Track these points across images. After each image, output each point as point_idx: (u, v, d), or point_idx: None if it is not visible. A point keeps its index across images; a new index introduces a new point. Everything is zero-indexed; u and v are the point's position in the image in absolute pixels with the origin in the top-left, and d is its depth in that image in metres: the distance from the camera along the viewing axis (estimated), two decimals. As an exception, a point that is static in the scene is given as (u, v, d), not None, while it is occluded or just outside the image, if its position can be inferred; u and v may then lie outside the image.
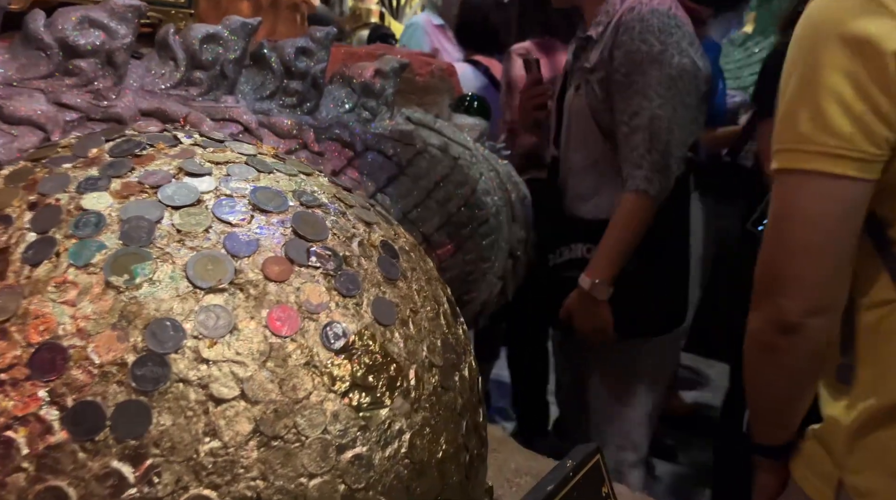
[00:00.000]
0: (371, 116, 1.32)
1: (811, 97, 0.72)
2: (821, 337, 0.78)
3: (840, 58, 0.70)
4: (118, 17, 1.05)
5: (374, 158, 1.23)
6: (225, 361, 0.43)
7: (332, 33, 1.25)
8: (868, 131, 0.70)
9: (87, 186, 0.48)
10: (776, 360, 0.80)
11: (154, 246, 0.46)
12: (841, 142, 0.71)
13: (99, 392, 0.41)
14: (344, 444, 0.45)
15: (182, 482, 0.41)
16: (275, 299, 0.46)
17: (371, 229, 0.56)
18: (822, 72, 0.71)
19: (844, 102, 0.70)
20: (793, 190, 0.75)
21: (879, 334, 0.77)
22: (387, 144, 1.26)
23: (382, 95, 1.34)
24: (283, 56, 1.19)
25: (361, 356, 0.48)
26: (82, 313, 0.43)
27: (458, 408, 0.54)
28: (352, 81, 1.30)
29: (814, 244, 0.75)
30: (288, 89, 1.20)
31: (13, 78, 1.02)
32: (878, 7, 0.70)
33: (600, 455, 0.63)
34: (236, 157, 0.55)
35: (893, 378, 0.76)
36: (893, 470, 0.76)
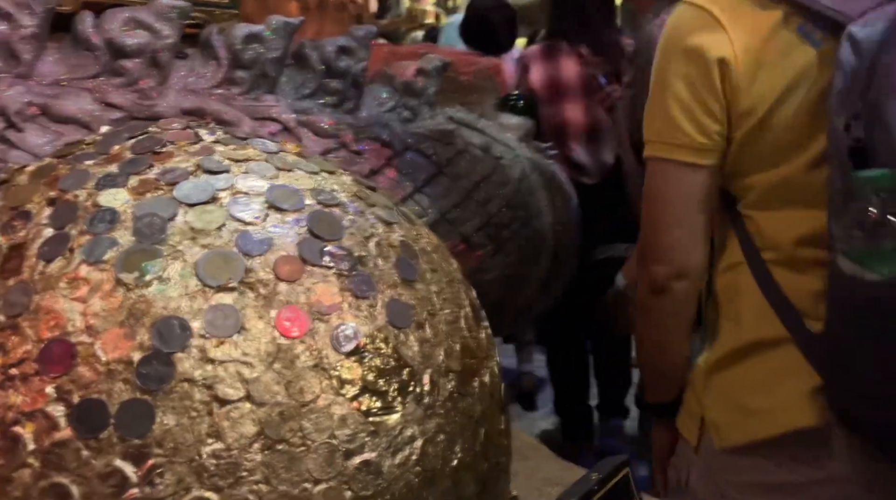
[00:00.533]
0: (412, 115, 1.31)
1: (661, 98, 0.88)
2: (683, 298, 0.91)
3: (681, 66, 0.86)
4: (163, 18, 1.07)
5: (413, 158, 1.22)
6: (231, 361, 0.43)
7: (372, 32, 1.25)
8: (700, 126, 0.86)
9: (106, 183, 0.49)
10: (650, 319, 0.96)
11: (166, 243, 0.45)
12: (681, 135, 0.87)
13: (104, 390, 0.41)
14: (351, 450, 0.44)
15: (184, 483, 0.40)
16: (285, 299, 0.45)
17: (391, 229, 0.55)
18: (669, 77, 0.87)
19: (683, 103, 0.86)
20: (653, 175, 0.91)
21: (730, 291, 0.92)
22: (426, 143, 1.25)
23: (424, 95, 1.33)
24: (324, 55, 1.19)
25: (373, 360, 0.46)
26: (92, 309, 0.42)
27: (476, 415, 0.53)
28: (393, 80, 1.30)
29: (670, 219, 0.90)
30: (328, 88, 1.20)
31: (62, 78, 1.05)
32: (711, 21, 0.84)
33: (629, 468, 0.61)
34: (257, 154, 0.55)
35: (741, 327, 0.89)
36: (735, 404, 0.89)
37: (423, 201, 1.21)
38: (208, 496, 0.41)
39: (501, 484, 0.58)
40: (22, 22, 0.99)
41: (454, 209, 1.25)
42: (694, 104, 0.85)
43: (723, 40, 0.83)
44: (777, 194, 0.86)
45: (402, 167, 1.20)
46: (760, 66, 0.82)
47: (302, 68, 1.20)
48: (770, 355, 0.87)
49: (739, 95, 0.83)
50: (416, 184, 1.20)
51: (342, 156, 1.14)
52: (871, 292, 0.72)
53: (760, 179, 0.87)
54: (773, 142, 0.84)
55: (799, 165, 0.84)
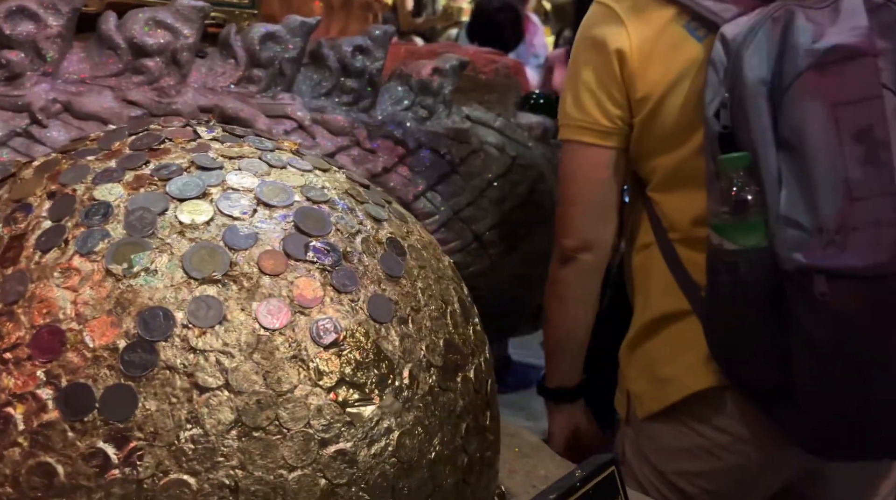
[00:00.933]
0: (428, 113, 1.32)
1: (573, 85, 0.97)
2: (588, 268, 1.01)
3: (588, 55, 0.96)
4: (183, 18, 1.10)
5: (427, 156, 1.23)
6: (212, 350, 0.44)
7: (390, 32, 1.26)
8: (604, 110, 0.94)
9: (103, 178, 0.51)
10: (556, 290, 1.04)
11: (155, 237, 0.47)
12: (587, 118, 0.95)
13: (90, 375, 0.43)
14: (327, 439, 0.46)
15: (162, 466, 0.42)
16: (267, 292, 0.47)
17: (379, 226, 0.56)
18: (579, 66, 0.97)
19: (590, 89, 0.95)
20: (564, 155, 1.01)
21: (644, 270, 1.00)
22: (441, 142, 1.26)
23: (440, 93, 1.34)
24: (340, 54, 1.21)
25: (352, 353, 0.48)
26: (82, 298, 0.45)
27: (457, 409, 0.54)
28: (409, 79, 1.31)
29: (576, 195, 1.00)
30: (344, 87, 1.22)
31: (87, 76, 1.08)
32: (613, 15, 0.94)
33: (615, 466, 0.61)
34: (251, 152, 0.57)
35: (651, 302, 0.98)
36: (650, 375, 0.98)
37: (436, 199, 1.22)
38: (185, 479, 0.42)
39: (486, 478, 0.59)
40: (48, 22, 1.03)
41: (467, 208, 1.26)
42: (599, 90, 0.94)
43: (621, 33, 0.92)
44: (674, 177, 0.93)
45: (416, 165, 1.21)
46: (652, 57, 0.91)
47: (319, 67, 1.22)
48: (676, 327, 0.95)
49: (636, 83, 0.92)
50: (429, 182, 1.22)
51: (355, 154, 1.16)
52: (731, 257, 0.82)
53: (660, 162, 0.94)
54: (666, 127, 0.92)
55: (690, 149, 0.90)
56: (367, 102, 1.25)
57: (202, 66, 1.13)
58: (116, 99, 1.03)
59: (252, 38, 1.13)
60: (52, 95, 0.99)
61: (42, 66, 1.03)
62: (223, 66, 1.14)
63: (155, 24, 1.08)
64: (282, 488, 0.44)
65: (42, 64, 1.03)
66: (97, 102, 1.01)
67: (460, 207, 1.25)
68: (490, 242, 1.31)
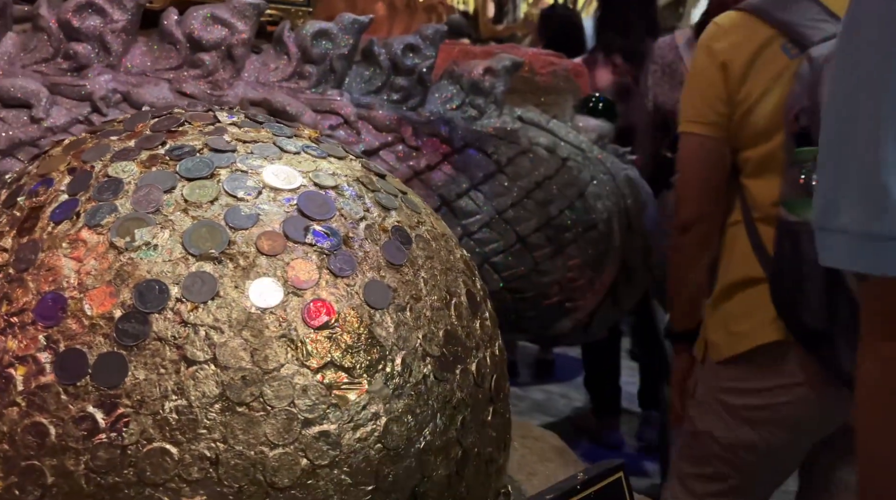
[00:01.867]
0: (478, 113, 1.32)
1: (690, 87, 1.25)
2: (700, 236, 1.24)
3: (702, 62, 1.21)
4: (239, 15, 1.13)
5: (473, 155, 1.23)
6: (202, 325, 0.45)
7: (441, 31, 1.27)
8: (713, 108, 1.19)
9: (120, 156, 0.53)
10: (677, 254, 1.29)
11: (160, 213, 0.49)
12: (700, 114, 1.20)
13: (86, 342, 0.44)
14: (311, 419, 0.46)
15: (147, 433, 0.43)
16: (262, 271, 0.48)
17: (387, 214, 0.56)
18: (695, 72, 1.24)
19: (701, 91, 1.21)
20: (683, 144, 1.24)
21: (730, 242, 1.22)
22: (488, 141, 1.25)
23: (491, 93, 1.34)
24: (391, 53, 1.22)
25: (342, 336, 0.48)
26: (85, 268, 0.46)
27: (453, 401, 0.53)
28: (461, 79, 1.31)
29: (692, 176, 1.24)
30: (394, 85, 1.23)
31: (147, 68, 1.13)
32: (722, 32, 1.20)
33: (622, 472, 0.59)
34: (267, 137, 0.58)
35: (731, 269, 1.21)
36: (725, 329, 1.20)
37: (479, 198, 1.21)
38: (168, 447, 0.43)
39: (484, 474, 0.58)
40: (114, 16, 1.08)
41: (511, 208, 1.25)
42: (708, 92, 1.18)
43: (726, 49, 1.17)
44: (761, 166, 1.16)
45: (460, 164, 1.21)
46: (751, 68, 1.15)
47: (370, 65, 1.24)
48: (750, 291, 1.16)
49: (736, 89, 1.16)
50: (473, 181, 1.21)
51: (399, 150, 1.17)
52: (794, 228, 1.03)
53: (751, 154, 1.17)
54: (758, 125, 1.15)
55: (775, 144, 1.12)
56: (416, 100, 1.25)
57: (256, 61, 1.17)
58: (172, 91, 1.07)
59: (305, 35, 1.16)
60: (112, 86, 1.04)
61: (107, 58, 1.08)
62: (276, 62, 1.17)
63: (212, 20, 1.12)
64: (262, 464, 0.45)
65: (107, 56, 1.08)
66: (154, 93, 1.05)
67: (504, 207, 1.24)
68: (534, 244, 1.30)
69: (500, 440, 0.61)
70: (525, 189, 1.27)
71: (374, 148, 1.14)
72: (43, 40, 1.05)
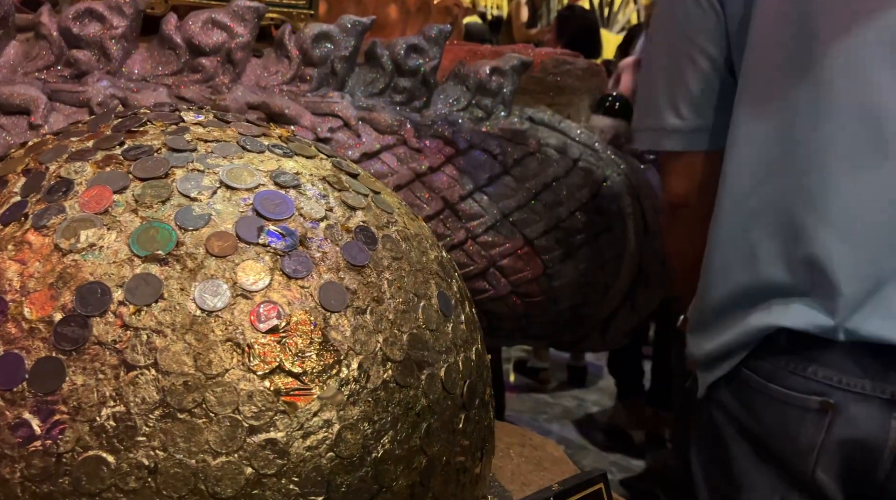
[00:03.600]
0: (485, 114, 1.29)
1: None
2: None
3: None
4: (239, 19, 1.13)
5: (477, 157, 1.20)
6: (144, 329, 0.44)
7: (446, 31, 1.25)
8: None
9: (75, 157, 0.52)
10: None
11: (108, 214, 0.47)
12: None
13: (25, 346, 0.43)
14: (256, 427, 0.44)
15: (83, 441, 0.42)
16: (210, 273, 0.46)
17: (352, 214, 0.54)
18: None
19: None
20: None
21: None
22: (493, 142, 1.23)
23: (499, 94, 1.31)
24: (394, 54, 1.21)
25: (292, 340, 0.46)
26: (28, 271, 0.45)
27: (417, 408, 0.51)
28: (467, 79, 1.29)
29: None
30: (397, 86, 1.22)
31: (147, 74, 1.13)
32: None
33: (604, 483, 0.56)
34: (231, 136, 0.56)
35: None
36: None
37: (483, 200, 1.19)
38: (104, 456, 0.42)
39: (456, 484, 0.55)
40: (113, 23, 1.09)
41: (518, 210, 1.22)
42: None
43: None
44: None
45: (465, 166, 1.18)
46: None
47: (373, 66, 1.22)
48: None
49: None
50: (478, 183, 1.18)
51: (401, 152, 1.15)
52: None
53: None
54: None
55: None
56: (420, 101, 1.23)
57: (257, 65, 1.16)
58: (170, 96, 1.07)
59: (305, 38, 1.14)
60: (110, 91, 1.04)
61: (107, 64, 1.08)
62: (277, 65, 1.16)
63: (212, 25, 1.11)
64: (203, 473, 0.43)
65: (107, 62, 1.08)
66: (151, 98, 1.05)
67: (510, 209, 1.21)
68: (543, 247, 1.26)
69: (476, 448, 0.58)
70: (533, 191, 1.24)
71: (375, 150, 1.12)
72: (44, 48, 1.06)
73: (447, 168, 1.17)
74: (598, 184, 1.39)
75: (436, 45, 1.24)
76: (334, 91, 1.17)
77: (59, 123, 1.01)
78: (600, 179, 1.40)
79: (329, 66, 1.17)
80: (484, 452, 0.60)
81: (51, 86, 1.04)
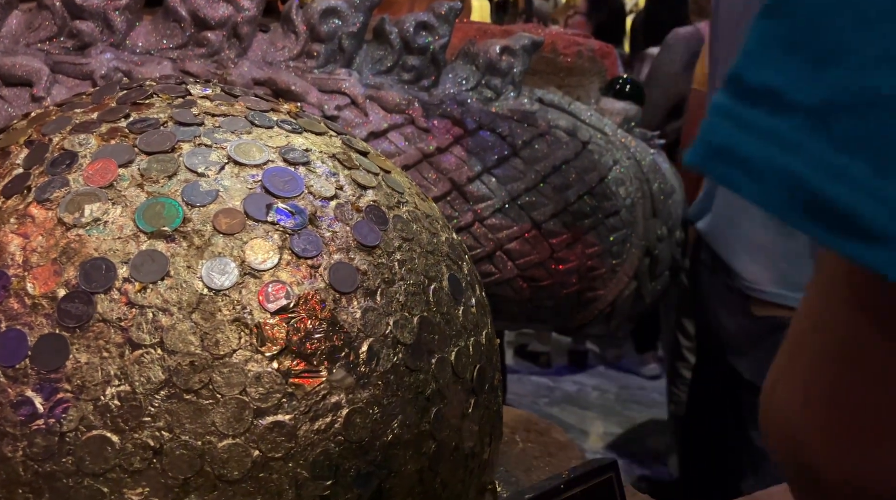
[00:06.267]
0: (494, 94, 1.28)
1: None
2: None
3: None
4: (246, -9, 1.10)
5: (486, 138, 1.18)
6: (150, 307, 0.43)
7: (456, 8, 1.22)
8: None
9: (79, 129, 0.50)
10: None
11: (113, 188, 0.46)
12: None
13: (27, 322, 0.42)
14: (264, 409, 0.43)
15: (86, 420, 0.41)
16: (218, 251, 0.45)
17: (363, 193, 0.53)
18: None
19: None
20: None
21: None
22: (503, 123, 1.21)
23: (509, 74, 1.29)
24: (402, 31, 1.19)
25: (302, 321, 0.45)
26: (31, 245, 0.44)
27: (427, 392, 0.50)
28: (477, 58, 1.27)
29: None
30: (405, 64, 1.20)
31: (152, 47, 1.11)
32: None
33: (614, 472, 0.55)
34: (240, 111, 0.55)
35: None
36: None
37: (491, 183, 1.17)
38: (108, 436, 0.41)
39: (464, 470, 0.54)
40: (118, -6, 1.06)
41: (526, 193, 1.20)
42: None
43: None
44: None
45: (473, 147, 1.17)
46: None
47: (381, 44, 1.20)
48: None
49: None
50: (486, 164, 1.17)
51: (409, 132, 1.14)
52: None
53: None
54: None
55: None
56: (429, 80, 1.21)
57: (264, 40, 1.14)
58: (175, 69, 1.05)
59: (312, 13, 1.12)
60: (114, 64, 1.02)
61: (111, 36, 1.06)
62: (283, 41, 1.14)
63: (219, -2, 1.09)
64: (209, 454, 0.42)
65: (111, 34, 1.06)
66: (157, 71, 1.03)
67: (518, 192, 1.20)
68: (551, 231, 1.25)
69: (485, 433, 0.57)
70: (541, 173, 1.22)
71: (383, 129, 1.11)
72: (47, 18, 1.04)
73: (455, 149, 1.15)
74: (607, 168, 1.38)
75: (446, 23, 1.22)
76: (342, 68, 1.15)
77: (62, 95, 0.99)
78: (610, 163, 1.39)
79: (337, 42, 1.15)
80: (492, 437, 0.59)
81: (53, 57, 1.03)
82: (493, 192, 1.17)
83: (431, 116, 1.15)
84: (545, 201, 1.23)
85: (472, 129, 1.18)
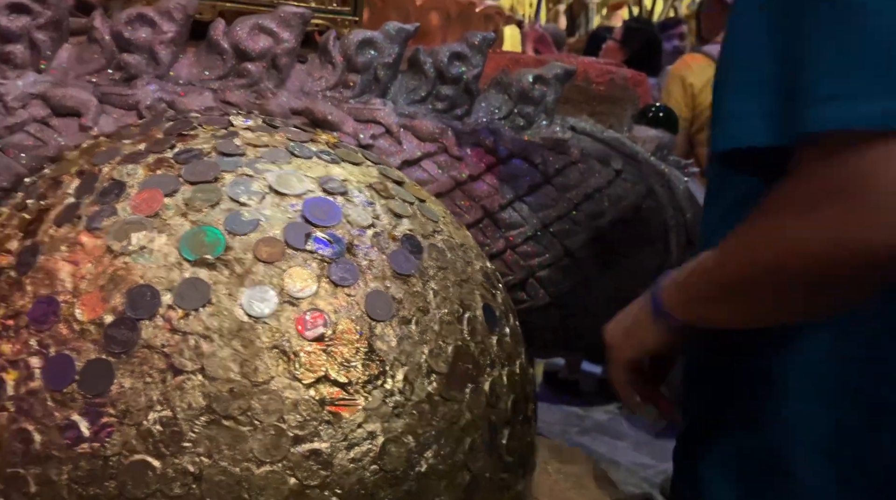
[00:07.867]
0: (527, 123, 1.28)
1: None
2: None
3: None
4: (285, 24, 1.13)
5: (519, 166, 1.19)
6: (192, 333, 0.44)
7: (489, 39, 1.24)
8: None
9: (128, 159, 0.52)
10: None
11: (159, 217, 0.48)
12: None
13: (76, 348, 0.43)
14: (301, 436, 0.43)
15: (129, 445, 0.42)
16: (258, 279, 0.46)
17: (399, 222, 0.54)
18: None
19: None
20: None
21: None
22: (535, 151, 1.22)
23: (541, 103, 1.30)
24: (437, 62, 1.20)
25: (339, 349, 0.45)
26: (80, 273, 0.46)
27: (461, 423, 0.50)
28: (509, 87, 1.28)
29: None
30: (439, 94, 1.21)
31: (195, 78, 1.15)
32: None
33: (650, 507, 0.54)
34: (280, 142, 0.56)
35: None
36: None
37: (523, 210, 1.18)
38: (150, 461, 0.42)
39: (498, 502, 0.54)
40: (163, 28, 1.10)
41: (558, 221, 1.20)
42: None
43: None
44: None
45: (505, 174, 1.17)
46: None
47: (415, 74, 1.22)
48: None
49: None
50: (518, 192, 1.17)
51: (442, 160, 1.15)
52: None
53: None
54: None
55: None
56: (462, 109, 1.23)
57: (301, 70, 1.17)
58: (216, 100, 1.08)
59: (349, 44, 1.15)
60: (158, 95, 1.05)
61: (156, 68, 1.10)
62: (321, 71, 1.16)
63: (258, 30, 1.12)
64: (247, 481, 0.42)
65: (156, 67, 1.10)
66: (198, 101, 1.06)
67: (550, 219, 1.20)
68: (583, 258, 1.24)
69: (519, 465, 0.57)
70: (574, 201, 1.22)
71: (416, 158, 1.12)
72: (96, 51, 1.08)
73: (487, 177, 1.16)
74: (640, 196, 1.37)
75: (479, 53, 1.23)
76: (377, 98, 1.17)
77: (109, 125, 1.02)
78: (643, 191, 1.38)
79: (372, 72, 1.17)
80: (525, 469, 0.59)
81: (101, 89, 1.06)
82: (525, 219, 1.17)
83: (464, 144, 1.16)
84: (578, 229, 1.23)
85: (504, 157, 1.18)
